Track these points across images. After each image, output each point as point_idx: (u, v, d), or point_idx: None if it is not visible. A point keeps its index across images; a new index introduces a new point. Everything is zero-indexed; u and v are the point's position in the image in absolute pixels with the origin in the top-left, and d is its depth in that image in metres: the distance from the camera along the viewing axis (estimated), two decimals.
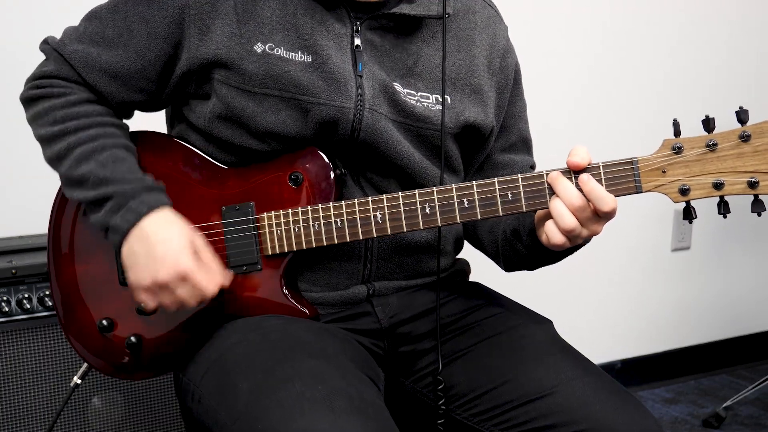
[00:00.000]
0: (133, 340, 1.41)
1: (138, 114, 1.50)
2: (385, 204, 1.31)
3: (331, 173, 1.36)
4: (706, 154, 1.20)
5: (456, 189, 1.28)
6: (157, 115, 1.54)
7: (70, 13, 1.55)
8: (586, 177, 1.23)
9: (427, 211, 1.30)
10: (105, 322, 1.42)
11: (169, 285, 1.30)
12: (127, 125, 1.46)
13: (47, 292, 1.81)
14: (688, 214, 1.24)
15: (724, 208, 1.23)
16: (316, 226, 1.34)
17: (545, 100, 2.56)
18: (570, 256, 1.38)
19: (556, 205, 1.24)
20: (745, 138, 1.19)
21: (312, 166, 1.36)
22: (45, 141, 1.39)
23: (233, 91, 1.35)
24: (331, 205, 1.33)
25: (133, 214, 1.31)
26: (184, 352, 1.40)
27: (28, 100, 1.43)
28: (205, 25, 1.35)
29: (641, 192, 1.23)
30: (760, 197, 1.21)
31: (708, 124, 1.21)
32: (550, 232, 1.25)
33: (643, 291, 3.11)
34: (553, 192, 1.25)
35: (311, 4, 1.37)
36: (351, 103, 1.35)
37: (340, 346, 1.32)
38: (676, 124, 1.21)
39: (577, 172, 1.24)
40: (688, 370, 3.20)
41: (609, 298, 3.04)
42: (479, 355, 1.41)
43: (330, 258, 1.39)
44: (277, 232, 1.36)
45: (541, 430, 1.30)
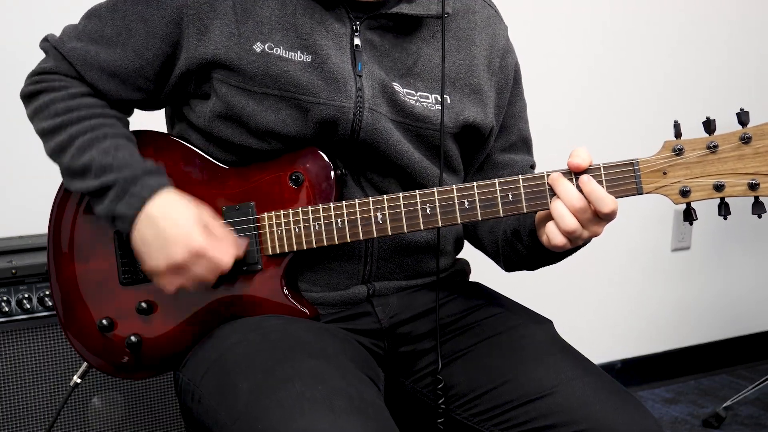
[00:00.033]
0: (133, 339, 1.41)
1: (138, 113, 1.50)
2: (386, 204, 1.31)
3: (332, 173, 1.36)
4: (706, 156, 1.20)
5: (457, 190, 1.28)
6: (157, 115, 1.54)
7: (70, 12, 1.55)
8: (586, 178, 1.23)
9: (428, 211, 1.30)
10: (105, 322, 1.42)
11: (186, 264, 1.30)
12: (127, 119, 1.46)
13: (47, 292, 1.81)
14: (689, 216, 1.24)
15: (724, 210, 1.23)
16: (317, 226, 1.34)
17: (545, 100, 2.56)
18: (570, 256, 1.38)
19: (556, 207, 1.24)
20: (745, 140, 1.18)
21: (312, 166, 1.36)
22: (47, 134, 1.39)
23: (233, 90, 1.35)
24: (331, 205, 1.33)
25: (137, 199, 1.31)
26: (184, 351, 1.40)
27: (28, 96, 1.43)
28: (204, 25, 1.35)
29: (642, 193, 1.23)
30: (761, 199, 1.21)
31: (709, 125, 1.20)
32: (550, 233, 1.25)
33: (643, 291, 3.11)
34: (553, 193, 1.25)
35: (310, 4, 1.37)
36: (350, 102, 1.35)
37: (340, 346, 1.32)
38: (677, 126, 1.21)
39: (578, 173, 1.24)
40: (688, 370, 3.20)
41: (609, 298, 3.04)
42: (479, 355, 1.41)
43: (330, 258, 1.39)
44: (277, 232, 1.36)
45: (541, 430, 1.30)
